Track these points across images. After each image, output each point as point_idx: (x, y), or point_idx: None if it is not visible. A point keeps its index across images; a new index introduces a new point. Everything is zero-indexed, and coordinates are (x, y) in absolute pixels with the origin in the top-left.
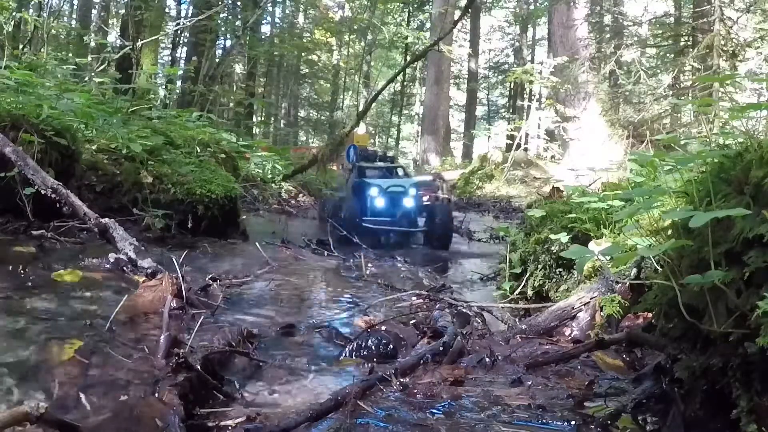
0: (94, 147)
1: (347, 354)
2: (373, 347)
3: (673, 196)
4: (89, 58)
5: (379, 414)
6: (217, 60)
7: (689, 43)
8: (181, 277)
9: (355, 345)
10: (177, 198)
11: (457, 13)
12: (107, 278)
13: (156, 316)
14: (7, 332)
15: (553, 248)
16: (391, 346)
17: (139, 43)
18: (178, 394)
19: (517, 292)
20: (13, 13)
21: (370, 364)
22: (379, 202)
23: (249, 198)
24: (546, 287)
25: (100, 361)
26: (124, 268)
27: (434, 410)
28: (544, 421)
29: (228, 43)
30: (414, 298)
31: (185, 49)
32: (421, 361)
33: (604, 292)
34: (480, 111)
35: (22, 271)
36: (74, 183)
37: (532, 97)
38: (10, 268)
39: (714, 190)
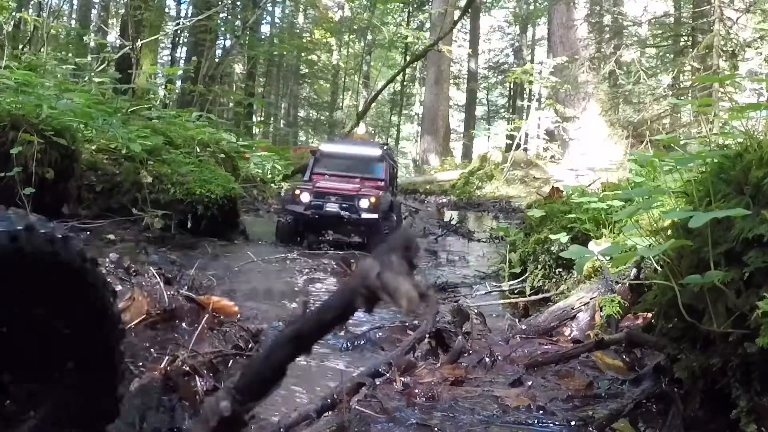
0: (93, 147)
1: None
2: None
3: (672, 196)
4: (89, 58)
5: (379, 415)
6: (216, 60)
7: (689, 43)
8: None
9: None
10: (177, 198)
11: (457, 13)
12: None
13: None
14: None
15: (552, 248)
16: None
17: (139, 43)
18: None
19: (516, 291)
20: (13, 13)
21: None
22: None
23: (249, 198)
24: (545, 287)
25: None
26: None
27: (435, 410)
28: (543, 422)
29: (228, 43)
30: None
31: (185, 49)
32: (409, 352)
33: (603, 293)
34: (480, 111)
35: None
36: (74, 183)
37: (532, 97)
38: None
39: (714, 190)
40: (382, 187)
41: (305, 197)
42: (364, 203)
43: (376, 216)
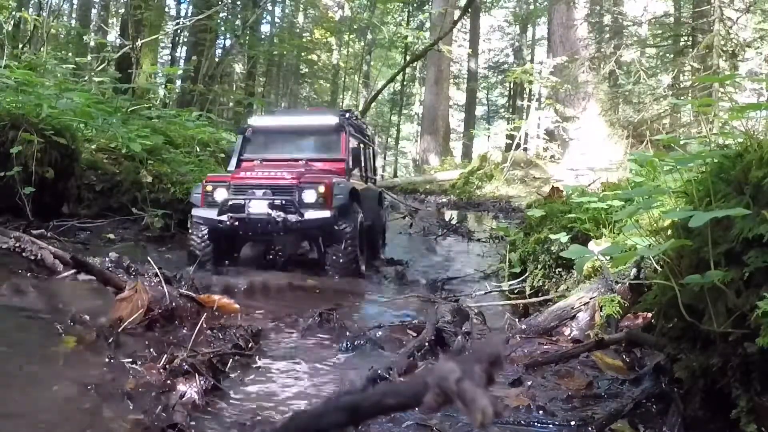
0: (93, 146)
1: (343, 349)
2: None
3: (672, 196)
4: (89, 58)
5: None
6: (216, 59)
7: (689, 43)
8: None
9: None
10: (176, 197)
11: (457, 13)
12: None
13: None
14: None
15: (552, 248)
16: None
17: (139, 43)
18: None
19: (516, 291)
20: (13, 13)
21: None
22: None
23: None
24: (545, 287)
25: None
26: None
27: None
28: (543, 422)
29: (228, 42)
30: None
31: (185, 48)
32: (411, 357)
33: (603, 292)
34: (480, 111)
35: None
36: (74, 182)
37: (532, 97)
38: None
39: (714, 190)
40: (340, 171)
41: (220, 194)
42: (309, 196)
43: (327, 214)
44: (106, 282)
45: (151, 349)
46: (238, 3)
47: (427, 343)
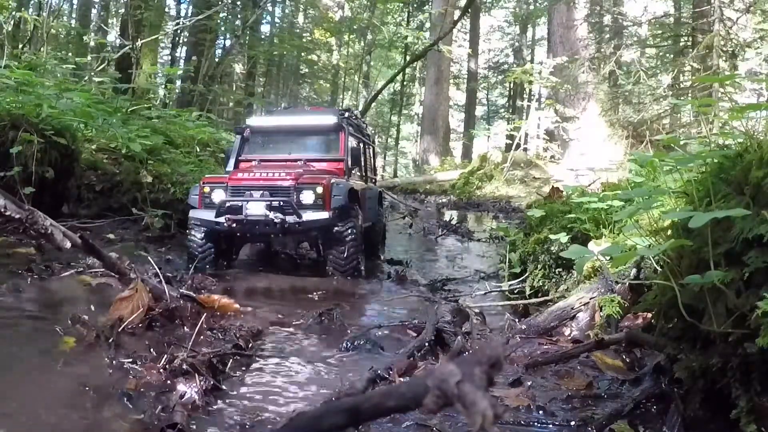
0: (93, 146)
1: (343, 349)
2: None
3: (672, 196)
4: (89, 58)
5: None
6: (216, 60)
7: (689, 43)
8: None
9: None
10: (176, 197)
11: (457, 13)
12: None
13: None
14: None
15: (552, 248)
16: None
17: (139, 43)
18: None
19: (516, 291)
20: (13, 13)
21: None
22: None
23: None
24: (545, 287)
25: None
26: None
27: None
28: (543, 422)
29: (227, 42)
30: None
31: (185, 48)
32: (410, 358)
33: (603, 293)
34: (479, 111)
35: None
36: (74, 182)
37: (532, 97)
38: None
39: (714, 190)
40: (340, 171)
41: (217, 195)
42: (307, 197)
43: (326, 215)
44: (111, 267)
45: (151, 349)
46: (238, 3)
47: (427, 344)
